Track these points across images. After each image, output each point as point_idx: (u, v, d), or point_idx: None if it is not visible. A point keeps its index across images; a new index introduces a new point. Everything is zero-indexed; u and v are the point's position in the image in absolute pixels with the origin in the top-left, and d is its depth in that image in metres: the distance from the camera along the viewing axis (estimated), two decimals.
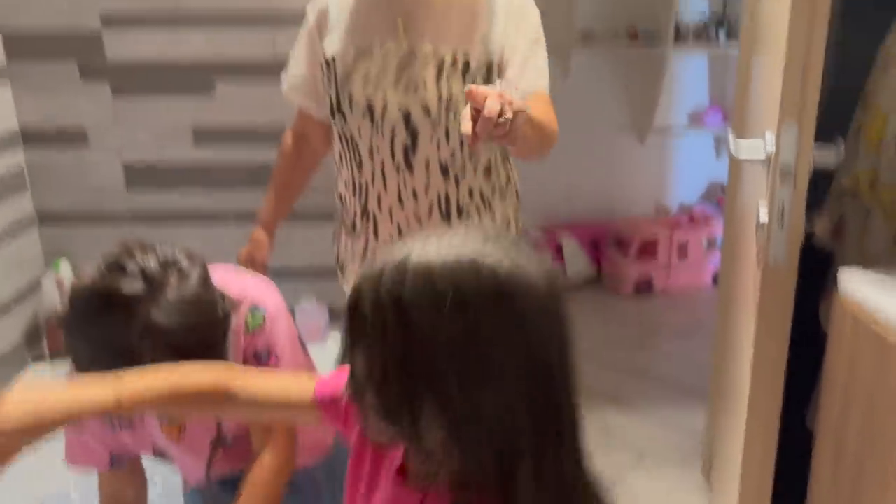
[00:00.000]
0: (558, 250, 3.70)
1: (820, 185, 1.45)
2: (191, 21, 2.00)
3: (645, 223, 3.68)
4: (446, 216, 1.43)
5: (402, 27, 1.37)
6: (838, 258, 1.74)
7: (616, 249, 3.71)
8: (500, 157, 1.46)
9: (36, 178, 2.12)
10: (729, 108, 3.71)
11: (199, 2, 1.98)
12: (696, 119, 3.80)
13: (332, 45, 1.41)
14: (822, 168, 1.27)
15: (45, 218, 2.16)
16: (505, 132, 1.01)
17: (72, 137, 2.09)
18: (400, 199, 1.42)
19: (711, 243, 3.66)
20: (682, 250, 3.63)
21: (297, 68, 1.50)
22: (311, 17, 1.46)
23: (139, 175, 2.13)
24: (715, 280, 3.68)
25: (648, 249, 3.60)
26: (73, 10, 1.99)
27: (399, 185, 1.41)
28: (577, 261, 3.74)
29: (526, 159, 1.40)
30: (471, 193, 1.43)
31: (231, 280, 1.16)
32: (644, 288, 3.62)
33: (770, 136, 1.21)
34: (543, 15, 1.37)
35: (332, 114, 1.43)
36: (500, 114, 0.98)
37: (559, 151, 1.44)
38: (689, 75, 3.75)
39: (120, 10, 1.99)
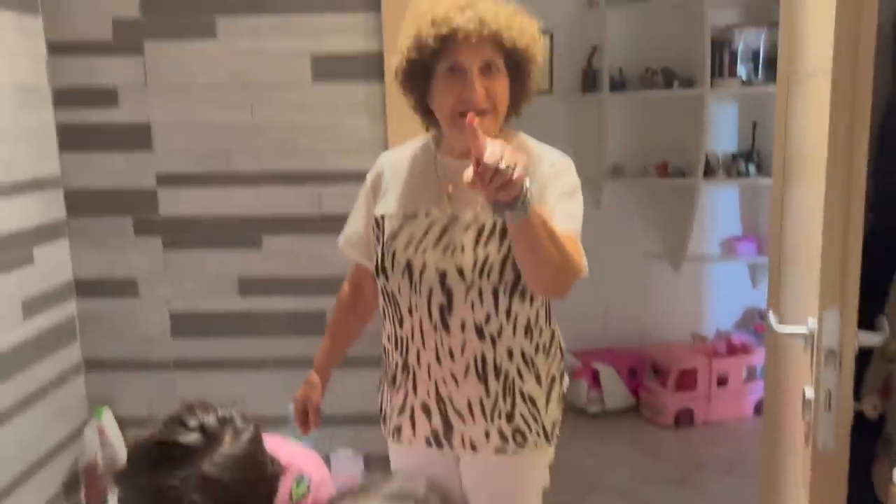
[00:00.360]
0: (594, 377, 3.66)
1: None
2: (241, 180, 2.10)
3: (683, 351, 3.64)
4: (482, 376, 1.44)
5: (448, 196, 1.44)
6: (888, 419, 1.70)
7: (654, 379, 3.66)
8: (543, 315, 1.49)
9: (85, 327, 2.19)
10: (762, 237, 3.74)
11: (249, 163, 2.09)
12: (729, 248, 3.82)
13: (383, 206, 1.50)
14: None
15: (92, 366, 2.21)
16: (504, 181, 1.11)
17: (122, 288, 2.17)
18: (437, 358, 1.45)
19: (751, 373, 3.60)
20: (722, 380, 3.57)
21: (354, 225, 1.59)
22: (368, 179, 1.57)
23: (185, 324, 2.19)
24: (756, 410, 3.60)
25: (687, 379, 3.55)
26: (132, 171, 2.11)
27: (437, 344, 1.44)
28: (614, 389, 3.69)
29: (546, 291, 1.40)
30: (510, 354, 1.44)
31: (280, 447, 1.19)
32: (684, 419, 3.54)
33: (812, 321, 1.22)
34: (575, 151, 1.39)
35: (377, 271, 1.49)
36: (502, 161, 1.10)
37: (594, 278, 1.46)
38: (720, 205, 3.80)
39: (175, 171, 2.10)
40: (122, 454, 2.11)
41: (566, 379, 1.55)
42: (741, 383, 3.59)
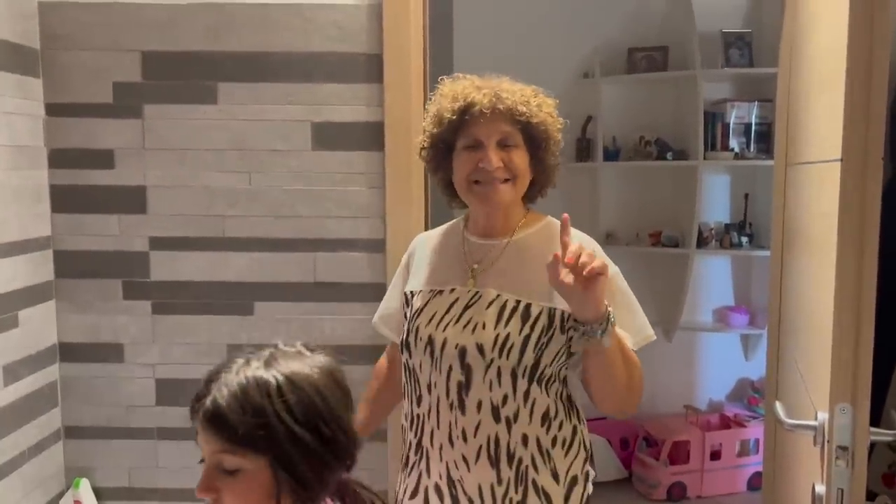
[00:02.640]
0: None
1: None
2: (235, 245, 2.07)
3: (675, 423, 3.59)
4: (494, 460, 1.40)
5: (472, 273, 1.45)
6: None
7: (646, 450, 3.59)
8: (565, 408, 1.44)
9: (67, 392, 2.12)
10: (754, 308, 3.73)
11: (244, 229, 2.06)
12: (721, 318, 3.81)
13: (413, 283, 1.53)
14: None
15: (71, 433, 2.13)
16: (591, 272, 1.19)
17: (108, 353, 2.11)
18: (451, 439, 1.42)
19: (744, 447, 3.55)
20: (715, 454, 3.51)
21: (388, 302, 1.63)
22: (403, 258, 1.62)
23: (171, 391, 2.12)
24: (750, 486, 3.53)
25: (680, 452, 3.49)
26: (124, 233, 2.07)
27: (451, 424, 1.41)
28: (606, 461, 3.62)
29: (612, 411, 1.44)
30: (525, 441, 1.40)
31: None
32: (677, 494, 3.47)
33: (822, 415, 1.19)
34: (570, 217, 1.40)
35: (401, 347, 1.50)
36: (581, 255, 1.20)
37: None
38: (712, 275, 3.80)
39: (168, 234, 2.07)
40: None
41: (590, 485, 1.49)
42: (735, 457, 3.53)
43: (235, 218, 2.07)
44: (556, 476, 1.42)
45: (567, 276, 1.22)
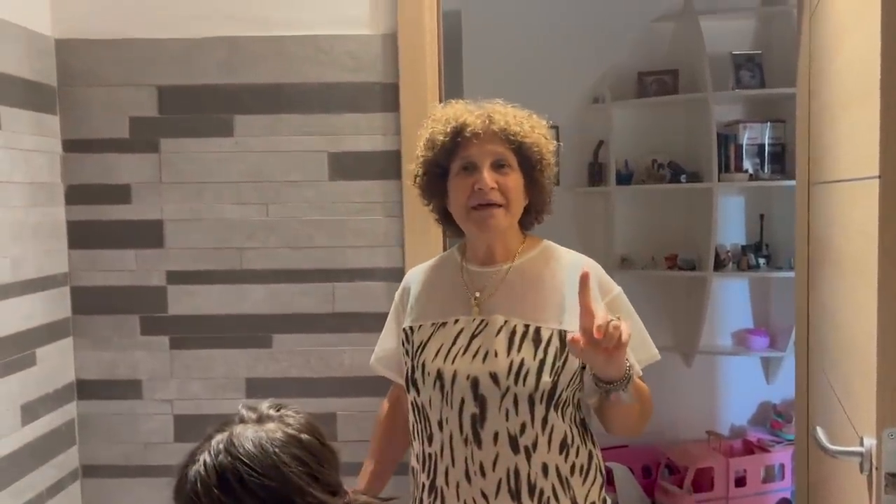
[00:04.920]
0: (608, 477, 3.52)
1: None
2: (253, 278, 2.05)
3: (698, 450, 3.53)
4: (516, 494, 1.36)
5: (475, 302, 1.42)
6: None
7: (669, 478, 3.52)
8: (580, 433, 1.42)
9: (85, 430, 2.09)
10: (774, 330, 3.68)
11: (261, 261, 2.05)
12: (741, 341, 3.76)
13: (411, 318, 1.49)
14: None
15: (89, 472, 2.10)
16: (616, 343, 1.17)
17: (126, 389, 2.09)
18: (468, 475, 1.37)
19: (769, 473, 3.47)
20: (740, 480, 3.44)
21: (385, 342, 1.59)
22: (396, 296, 1.58)
23: (189, 427, 2.09)
24: None
25: (704, 479, 3.42)
26: (141, 268, 2.06)
27: (467, 460, 1.37)
28: (629, 489, 3.55)
29: (619, 436, 1.44)
30: (545, 470, 1.36)
31: None
32: None
33: (868, 441, 1.15)
34: (583, 244, 1.40)
35: (407, 385, 1.46)
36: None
37: None
38: (730, 298, 3.76)
39: (186, 268, 2.06)
40: None
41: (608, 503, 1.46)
42: (759, 484, 3.46)
43: (253, 250, 2.05)
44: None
45: (593, 349, 1.21)
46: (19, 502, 1.83)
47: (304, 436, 1.04)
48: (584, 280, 1.23)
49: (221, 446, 1.01)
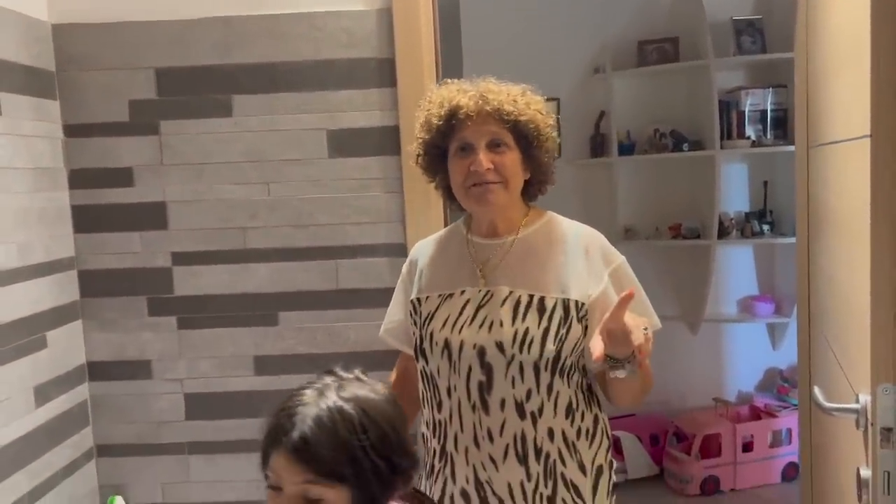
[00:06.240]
0: (616, 446, 3.56)
1: None
2: (257, 257, 2.07)
3: (705, 417, 3.56)
4: (523, 458, 1.39)
5: (481, 273, 1.45)
6: None
7: (677, 446, 3.56)
8: (585, 399, 1.44)
9: (98, 411, 2.13)
10: (779, 297, 3.69)
11: (265, 240, 2.06)
12: (746, 308, 3.77)
13: (419, 290, 1.52)
14: None
15: (103, 451, 2.14)
16: (643, 354, 1.22)
17: (136, 370, 2.12)
18: (476, 441, 1.41)
19: (776, 437, 3.50)
20: (747, 446, 3.47)
21: (393, 315, 1.62)
22: (404, 269, 1.61)
23: (200, 405, 2.13)
24: (784, 477, 3.49)
25: (711, 445, 3.45)
26: (147, 250, 2.08)
27: (475, 426, 1.41)
28: (637, 458, 3.59)
29: (622, 407, 1.46)
30: (551, 435, 1.39)
31: None
32: (710, 488, 3.43)
33: (863, 397, 1.17)
34: (586, 215, 1.41)
35: (416, 354, 1.50)
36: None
37: None
38: (735, 265, 3.76)
39: (190, 249, 2.08)
40: None
41: (613, 474, 1.49)
42: (767, 448, 3.49)
43: (255, 229, 2.07)
44: (582, 468, 1.42)
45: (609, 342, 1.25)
46: (37, 481, 1.87)
47: (397, 401, 1.16)
48: (623, 301, 1.21)
49: (339, 394, 1.09)
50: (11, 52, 1.84)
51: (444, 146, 1.45)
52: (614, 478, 1.50)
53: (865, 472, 1.18)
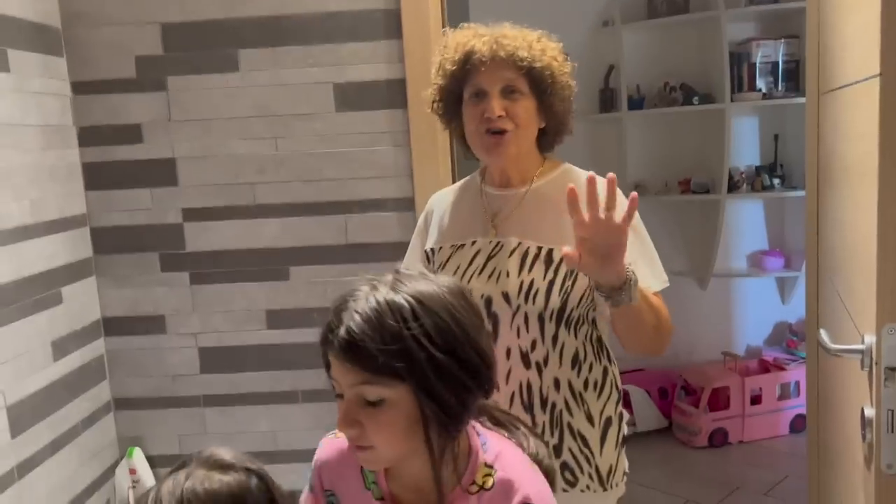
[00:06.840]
0: (625, 399, 3.60)
1: None
2: (266, 212, 2.09)
3: (714, 370, 3.58)
4: (528, 406, 1.40)
5: (493, 225, 1.45)
6: None
7: (685, 399, 3.59)
8: (594, 351, 1.45)
9: (114, 365, 2.17)
10: (789, 251, 3.68)
11: (274, 195, 2.08)
12: (756, 262, 3.77)
13: (433, 240, 1.52)
14: None
15: (121, 404, 2.19)
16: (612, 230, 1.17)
17: (150, 325, 2.16)
18: None
19: (785, 390, 3.53)
20: (756, 398, 3.50)
21: (408, 263, 1.60)
22: (420, 219, 1.60)
23: (214, 359, 2.17)
24: (792, 429, 3.52)
25: (720, 398, 3.48)
26: (157, 206, 2.10)
27: None
28: (646, 411, 3.62)
29: (642, 354, 1.44)
30: (557, 385, 1.40)
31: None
32: (719, 440, 3.46)
33: (869, 338, 1.18)
34: (596, 171, 1.39)
35: None
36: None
37: None
38: (745, 219, 3.75)
39: (201, 205, 2.10)
40: None
41: (625, 426, 1.49)
42: (775, 401, 3.52)
43: (265, 185, 2.08)
44: (590, 418, 1.42)
45: (589, 255, 1.20)
46: (57, 433, 1.92)
47: (466, 293, 1.02)
48: (571, 196, 1.19)
49: (394, 287, 0.96)
50: (16, 7, 1.84)
51: (458, 92, 1.43)
52: (625, 430, 1.49)
53: (869, 412, 1.19)
